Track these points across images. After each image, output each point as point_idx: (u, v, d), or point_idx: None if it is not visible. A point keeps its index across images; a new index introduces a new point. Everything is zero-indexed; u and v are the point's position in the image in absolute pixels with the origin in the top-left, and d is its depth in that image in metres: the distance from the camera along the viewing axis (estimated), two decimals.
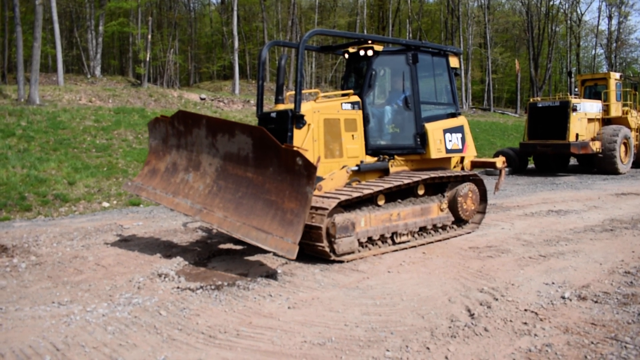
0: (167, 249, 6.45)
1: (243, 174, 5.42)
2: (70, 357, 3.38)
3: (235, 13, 30.12)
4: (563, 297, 4.47)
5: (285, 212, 4.93)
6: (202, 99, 22.19)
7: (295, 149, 4.92)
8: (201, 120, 5.82)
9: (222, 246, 6.64)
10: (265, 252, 6.22)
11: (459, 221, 7.29)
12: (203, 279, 5.15)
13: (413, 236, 6.67)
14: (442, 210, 6.98)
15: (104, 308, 4.29)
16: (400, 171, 7.10)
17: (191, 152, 6.05)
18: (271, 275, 5.24)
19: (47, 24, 28.47)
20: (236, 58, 29.27)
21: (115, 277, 5.25)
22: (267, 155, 5.15)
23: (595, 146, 16.04)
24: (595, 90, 18.32)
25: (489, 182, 9.51)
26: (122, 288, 4.87)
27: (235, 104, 22.75)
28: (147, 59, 27.66)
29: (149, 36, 28.16)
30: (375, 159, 6.82)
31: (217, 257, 6.11)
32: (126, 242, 6.92)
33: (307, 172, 4.81)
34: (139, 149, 13.59)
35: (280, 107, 6.54)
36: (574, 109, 15.68)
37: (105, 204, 10.16)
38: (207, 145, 5.81)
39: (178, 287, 4.87)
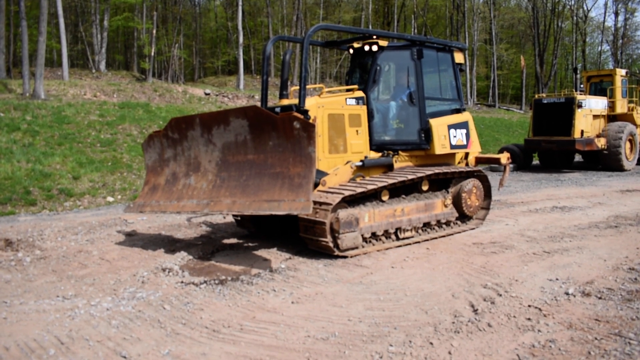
0: (171, 244, 6.47)
1: (244, 159, 5.46)
2: (75, 351, 3.39)
3: (240, 8, 30.09)
4: (567, 293, 4.46)
5: (292, 178, 4.98)
6: (206, 94, 22.21)
7: (291, 114, 4.95)
8: (194, 120, 5.88)
9: (226, 241, 6.66)
10: (269, 247, 6.23)
11: (463, 217, 7.28)
12: (207, 274, 5.17)
13: (417, 232, 6.67)
14: (446, 206, 6.97)
15: (108, 302, 4.31)
16: (404, 167, 7.09)
17: (189, 156, 6.08)
18: (275, 270, 5.25)
19: (52, 18, 28.57)
20: (241, 53, 29.29)
21: (119, 271, 5.27)
22: (265, 130, 5.19)
23: (601, 143, 15.96)
24: (600, 86, 18.21)
25: (493, 178, 9.48)
26: (126, 282, 4.89)
27: (240, 99, 22.76)
28: (152, 53, 27.67)
29: (154, 31, 28.15)
30: (380, 154, 6.81)
31: (221, 251, 6.13)
32: (130, 236, 6.95)
33: (306, 133, 4.84)
34: None
35: (285, 102, 6.53)
36: (579, 106, 15.58)
37: (110, 199, 10.19)
38: (204, 144, 5.84)
39: (182, 282, 4.88)
